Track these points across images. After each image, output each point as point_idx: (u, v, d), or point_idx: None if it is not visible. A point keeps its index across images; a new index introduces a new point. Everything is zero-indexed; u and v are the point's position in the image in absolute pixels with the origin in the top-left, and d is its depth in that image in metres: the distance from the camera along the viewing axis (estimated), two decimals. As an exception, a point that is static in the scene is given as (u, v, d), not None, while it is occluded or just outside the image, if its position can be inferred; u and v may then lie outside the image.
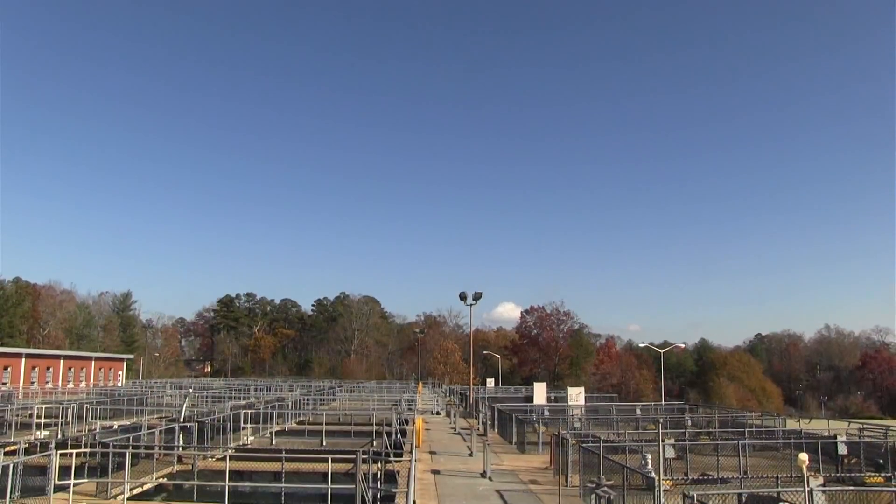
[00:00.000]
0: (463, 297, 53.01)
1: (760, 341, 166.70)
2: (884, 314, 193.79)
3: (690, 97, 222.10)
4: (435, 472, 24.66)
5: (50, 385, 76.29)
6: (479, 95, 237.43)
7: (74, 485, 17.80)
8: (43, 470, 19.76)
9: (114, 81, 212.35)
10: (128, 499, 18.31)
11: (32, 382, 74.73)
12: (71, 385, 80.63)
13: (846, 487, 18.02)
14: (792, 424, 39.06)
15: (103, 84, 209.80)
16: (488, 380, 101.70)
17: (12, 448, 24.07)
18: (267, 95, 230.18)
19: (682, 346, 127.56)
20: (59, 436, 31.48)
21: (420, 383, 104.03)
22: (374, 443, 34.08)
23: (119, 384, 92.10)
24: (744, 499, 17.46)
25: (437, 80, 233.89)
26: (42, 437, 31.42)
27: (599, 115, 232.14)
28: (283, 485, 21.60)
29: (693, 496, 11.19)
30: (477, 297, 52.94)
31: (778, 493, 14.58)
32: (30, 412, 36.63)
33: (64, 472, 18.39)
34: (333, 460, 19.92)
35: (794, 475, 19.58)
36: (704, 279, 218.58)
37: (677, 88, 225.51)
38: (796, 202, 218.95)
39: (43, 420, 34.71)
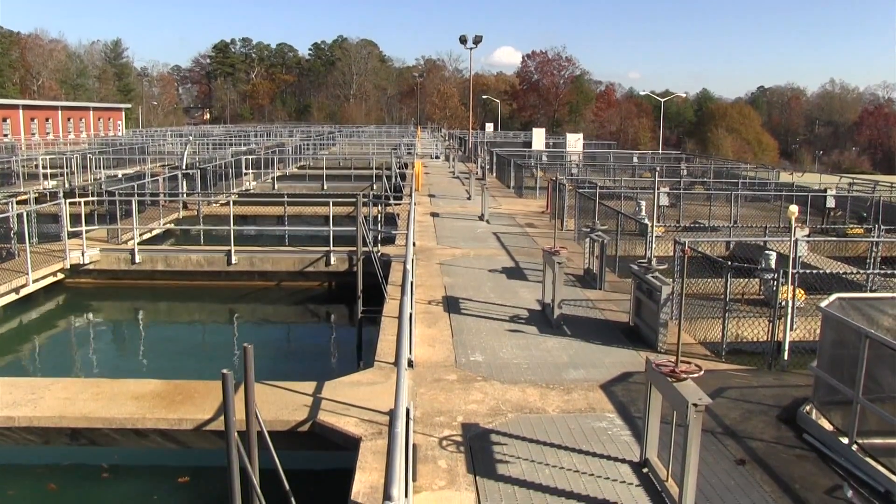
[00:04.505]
0: (463, 40, 50.92)
1: (762, 94, 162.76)
2: (893, 70, 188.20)
3: None
4: (434, 214, 25.33)
5: (50, 136, 75.93)
6: None
7: (86, 231, 18.33)
8: (54, 218, 20.28)
9: None
10: (138, 243, 19.00)
11: (33, 134, 74.34)
12: (71, 136, 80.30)
13: (828, 238, 18.63)
14: (785, 177, 39.32)
15: None
16: (487, 125, 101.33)
17: (23, 197, 24.55)
18: None
19: (684, 95, 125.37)
20: (66, 185, 31.97)
21: (419, 128, 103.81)
22: (374, 186, 34.78)
23: (119, 134, 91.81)
24: (731, 246, 18.17)
25: None
26: (49, 186, 31.89)
27: None
28: (286, 228, 22.23)
29: (683, 242, 11.54)
30: (477, 40, 50.87)
31: (765, 241, 15.05)
32: (35, 163, 36.79)
33: (74, 219, 18.83)
34: (334, 203, 20.15)
35: (781, 226, 20.16)
36: (709, 26, 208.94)
37: None
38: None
39: (49, 171, 34.95)
